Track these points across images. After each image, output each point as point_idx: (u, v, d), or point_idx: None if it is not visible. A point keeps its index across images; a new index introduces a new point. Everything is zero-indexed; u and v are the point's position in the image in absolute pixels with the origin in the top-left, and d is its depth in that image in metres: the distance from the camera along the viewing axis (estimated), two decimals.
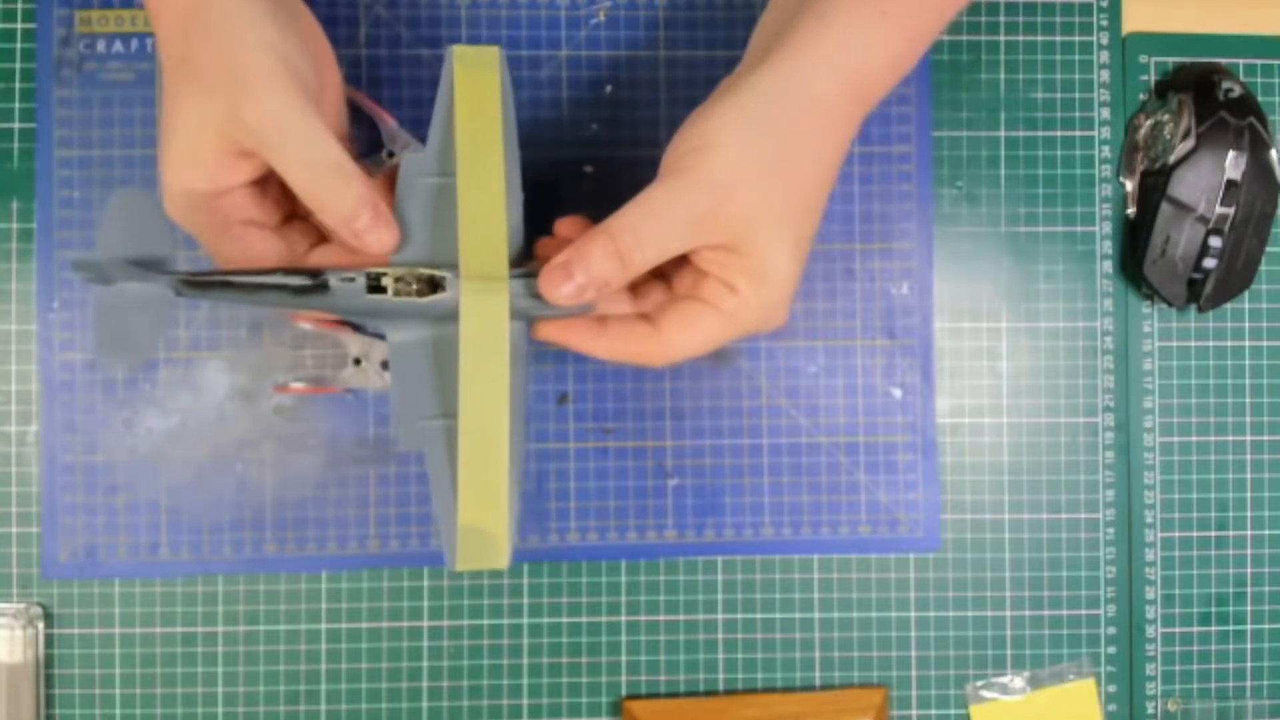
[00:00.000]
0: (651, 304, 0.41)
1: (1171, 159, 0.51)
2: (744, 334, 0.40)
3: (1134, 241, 0.52)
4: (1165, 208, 0.51)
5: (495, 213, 0.38)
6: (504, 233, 0.38)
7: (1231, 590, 0.53)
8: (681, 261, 0.40)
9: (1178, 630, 0.53)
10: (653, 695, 0.51)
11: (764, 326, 0.40)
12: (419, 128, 0.44)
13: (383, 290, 0.38)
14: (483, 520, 0.38)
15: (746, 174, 0.37)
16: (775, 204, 0.38)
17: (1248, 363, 0.53)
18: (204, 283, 0.38)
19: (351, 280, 0.38)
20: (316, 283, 0.38)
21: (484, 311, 0.38)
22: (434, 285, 0.38)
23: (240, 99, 0.36)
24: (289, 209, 0.41)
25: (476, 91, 0.39)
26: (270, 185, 0.40)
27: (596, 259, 0.37)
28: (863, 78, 0.39)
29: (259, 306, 0.41)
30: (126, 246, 0.37)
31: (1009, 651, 0.52)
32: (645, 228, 0.37)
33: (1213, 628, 0.53)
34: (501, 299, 0.38)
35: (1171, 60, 0.53)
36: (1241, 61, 0.53)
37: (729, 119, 0.38)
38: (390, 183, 0.40)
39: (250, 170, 0.38)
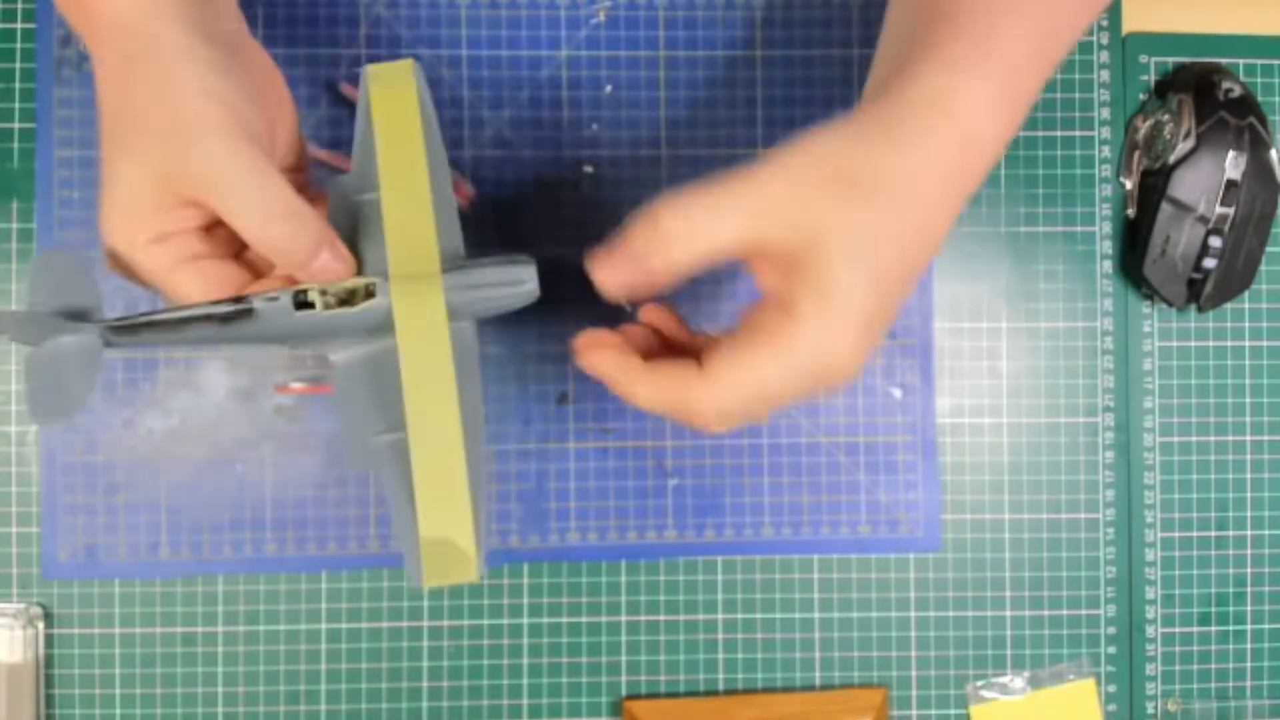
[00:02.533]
0: (705, 343, 0.38)
1: (1171, 159, 0.51)
2: (803, 379, 0.34)
3: (1134, 241, 0.52)
4: (1165, 208, 0.51)
5: (422, 215, 0.37)
6: (433, 233, 0.37)
7: (1231, 590, 0.53)
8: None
9: (1177, 630, 0.53)
10: (653, 695, 0.51)
11: (827, 373, 0.34)
12: None
13: (310, 305, 0.36)
14: (446, 532, 0.36)
15: (833, 178, 0.34)
16: (861, 219, 0.33)
17: (1248, 363, 0.53)
18: (130, 326, 0.36)
19: (276, 300, 0.36)
20: (240, 308, 0.36)
21: (419, 310, 0.36)
22: (368, 295, 0.37)
23: (184, 149, 0.34)
24: (240, 244, 0.39)
25: (394, 105, 0.38)
26: (219, 226, 0.38)
27: (637, 235, 0.35)
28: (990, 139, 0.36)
29: (194, 344, 0.39)
30: (55, 306, 0.36)
31: (1009, 651, 0.52)
32: (696, 204, 0.34)
33: (1212, 628, 0.53)
34: (435, 295, 0.36)
35: (1171, 60, 0.53)
36: (1241, 61, 0.53)
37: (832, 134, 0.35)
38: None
39: (196, 218, 0.37)
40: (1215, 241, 0.51)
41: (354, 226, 0.39)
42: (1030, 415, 0.53)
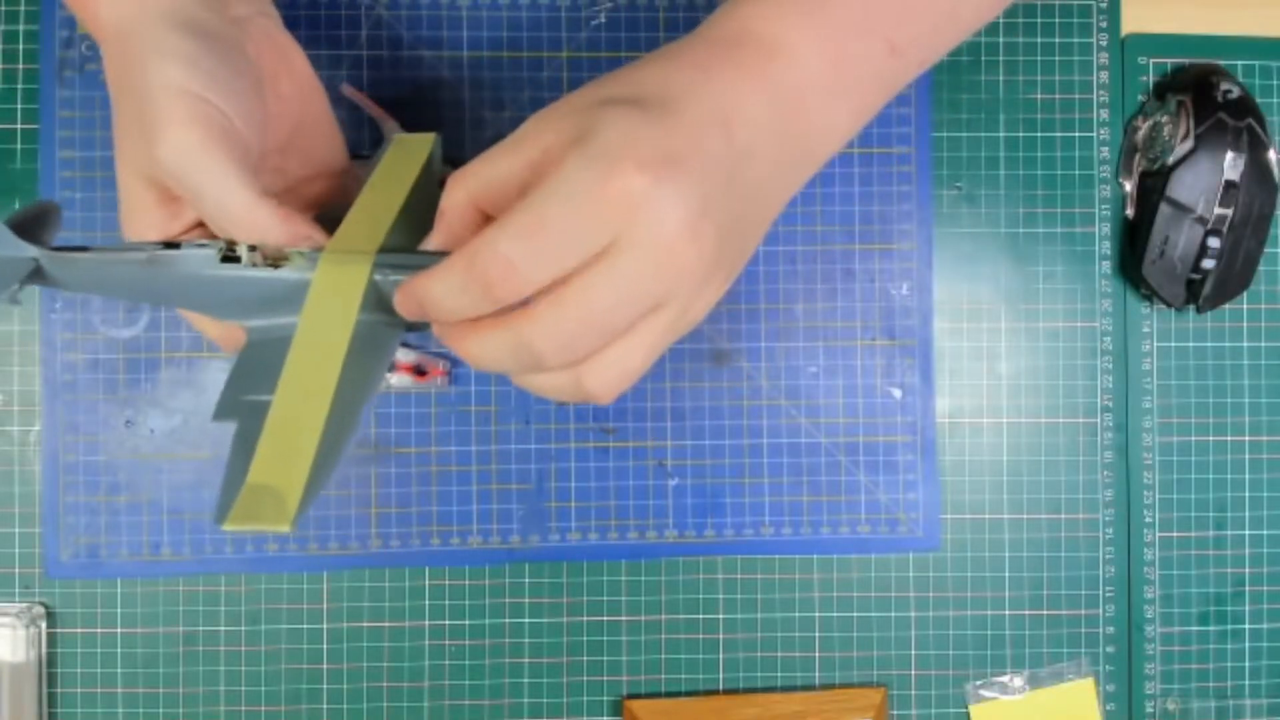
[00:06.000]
0: None
1: (1170, 160, 0.51)
2: (640, 297, 0.31)
3: (1133, 242, 0.53)
4: (1164, 208, 0.51)
5: (383, 216, 0.37)
6: (388, 225, 0.36)
7: (1230, 590, 0.53)
8: None
9: (1176, 630, 0.53)
10: (653, 695, 0.51)
11: (662, 282, 0.31)
12: (419, 128, 0.44)
13: (237, 259, 0.35)
14: (274, 481, 0.34)
15: (609, 93, 0.32)
16: (627, 118, 0.31)
17: (1247, 363, 0.53)
18: (67, 252, 0.35)
19: (204, 247, 0.35)
20: (164, 250, 0.35)
21: (339, 277, 0.35)
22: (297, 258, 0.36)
23: (151, 145, 0.34)
24: None
25: (399, 166, 0.39)
26: None
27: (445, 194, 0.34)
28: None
29: (122, 295, 0.37)
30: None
31: (1008, 651, 0.52)
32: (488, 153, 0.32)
33: (1211, 627, 0.53)
34: (361, 268, 0.35)
35: (1170, 61, 0.53)
36: (1240, 62, 0.53)
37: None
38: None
39: (192, 214, 0.36)
40: (1214, 242, 0.51)
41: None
42: (1030, 415, 0.53)
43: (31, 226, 0.36)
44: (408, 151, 0.40)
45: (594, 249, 0.30)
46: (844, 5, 0.35)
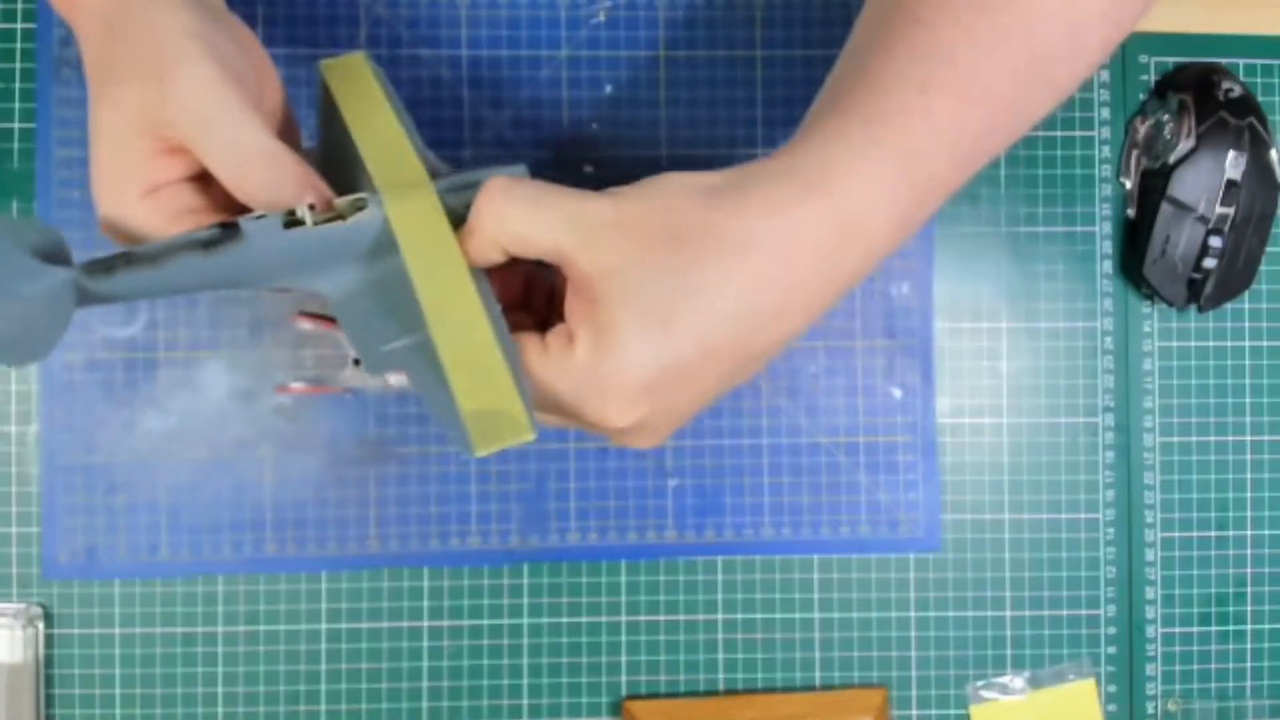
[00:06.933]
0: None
1: (1171, 159, 0.51)
2: (561, 408, 0.34)
3: (1134, 242, 0.52)
4: (1165, 208, 0.51)
5: (400, 146, 0.36)
6: (413, 152, 0.36)
7: (1231, 590, 0.53)
8: None
9: (1178, 630, 0.53)
10: (653, 695, 0.51)
11: (582, 414, 0.33)
12: (419, 128, 0.44)
13: (301, 222, 0.34)
14: (488, 402, 0.33)
15: (656, 226, 0.32)
16: (662, 271, 0.31)
17: (1248, 363, 0.53)
18: (105, 265, 0.33)
19: (263, 219, 0.33)
20: (226, 232, 0.33)
21: (415, 210, 0.35)
22: (357, 209, 0.35)
23: (163, 85, 0.33)
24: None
25: (357, 92, 0.38)
26: (212, 179, 0.36)
27: (480, 197, 0.34)
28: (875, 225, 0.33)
29: (180, 290, 0.35)
30: (25, 239, 0.34)
31: (1009, 651, 0.52)
32: (527, 195, 0.33)
33: (1213, 628, 0.53)
34: (429, 196, 0.35)
35: (1171, 60, 0.53)
36: (1241, 61, 0.53)
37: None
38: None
39: (183, 165, 0.35)
40: (1215, 241, 0.51)
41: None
42: (1030, 415, 0.53)
43: (54, 257, 0.34)
44: (348, 73, 0.38)
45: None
46: (915, 122, 0.33)
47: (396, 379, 0.50)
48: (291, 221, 0.34)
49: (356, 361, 0.49)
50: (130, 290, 0.34)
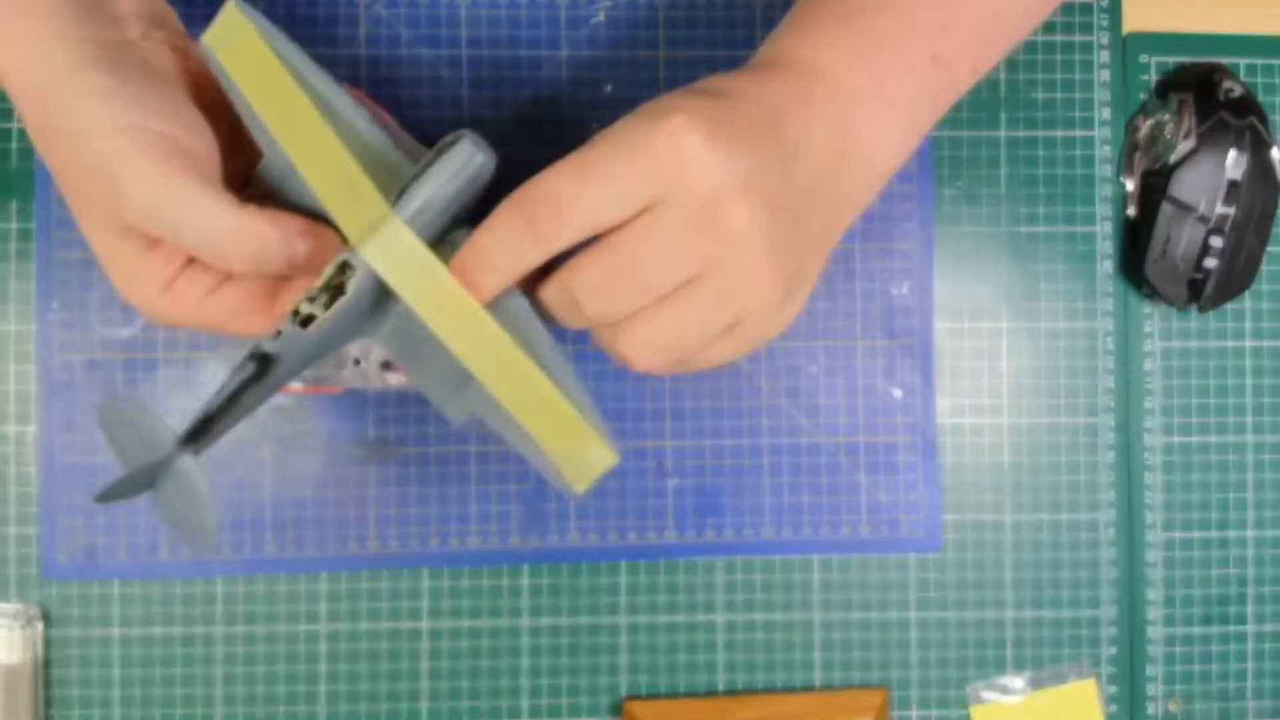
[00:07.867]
0: None
1: (1172, 159, 0.51)
2: (678, 255, 0.32)
3: (1134, 242, 0.52)
4: (1166, 208, 0.51)
5: (341, 162, 0.34)
6: (361, 175, 0.34)
7: (1232, 591, 0.53)
8: None
9: (1178, 631, 0.52)
10: (653, 695, 0.51)
11: (701, 243, 0.32)
12: (419, 128, 0.44)
13: (313, 317, 0.34)
14: (566, 441, 0.35)
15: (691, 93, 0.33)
16: (718, 111, 0.32)
17: (1248, 363, 0.53)
18: (196, 431, 0.36)
19: (280, 335, 0.35)
20: (262, 360, 0.35)
21: (389, 252, 0.34)
22: (343, 271, 0.34)
23: (116, 194, 0.32)
24: None
25: (248, 60, 0.35)
26: None
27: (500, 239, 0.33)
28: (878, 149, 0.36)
29: (266, 400, 0.37)
30: (138, 450, 0.36)
31: (1009, 652, 0.52)
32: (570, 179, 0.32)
33: (1213, 628, 0.53)
34: (404, 237, 0.34)
35: (1172, 60, 0.53)
36: (1242, 61, 0.53)
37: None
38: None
39: (179, 253, 0.35)
40: (1216, 241, 0.51)
41: (302, 208, 0.36)
42: (1030, 415, 0.53)
43: (150, 436, 0.36)
44: (245, 55, 0.35)
45: (639, 200, 0.32)
46: (879, 23, 0.35)
47: (396, 379, 0.50)
48: (307, 319, 0.35)
49: (357, 361, 0.49)
50: (226, 429, 0.37)
